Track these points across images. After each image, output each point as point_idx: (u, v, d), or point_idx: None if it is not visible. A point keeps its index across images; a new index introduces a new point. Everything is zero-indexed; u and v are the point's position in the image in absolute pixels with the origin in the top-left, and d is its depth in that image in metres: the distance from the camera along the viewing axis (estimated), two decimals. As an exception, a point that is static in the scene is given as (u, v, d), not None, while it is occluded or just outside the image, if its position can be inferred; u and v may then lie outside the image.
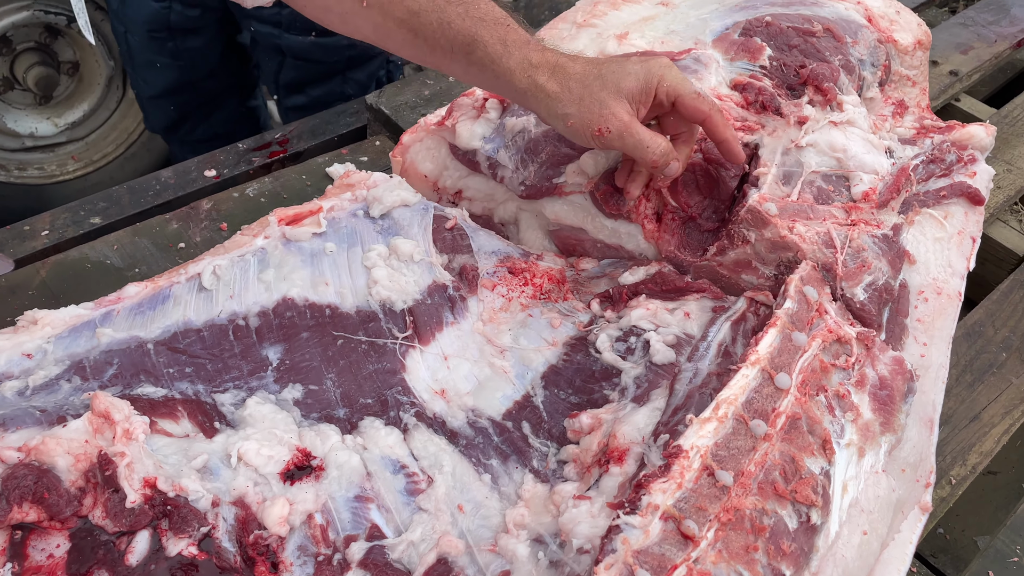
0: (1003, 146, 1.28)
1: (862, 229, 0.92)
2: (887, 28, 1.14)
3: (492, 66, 0.86)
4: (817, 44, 1.08)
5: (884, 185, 0.95)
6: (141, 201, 1.14)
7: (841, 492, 0.71)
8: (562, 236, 1.02)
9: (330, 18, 0.91)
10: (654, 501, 0.63)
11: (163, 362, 0.82)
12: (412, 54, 0.91)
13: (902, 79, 1.14)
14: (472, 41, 0.86)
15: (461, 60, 0.87)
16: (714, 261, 0.93)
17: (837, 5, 1.16)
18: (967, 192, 0.97)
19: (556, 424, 0.83)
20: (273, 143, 1.26)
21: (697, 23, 1.14)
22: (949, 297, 0.91)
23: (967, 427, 0.94)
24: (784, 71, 1.06)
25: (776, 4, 1.15)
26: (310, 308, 0.89)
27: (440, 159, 1.08)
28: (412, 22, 0.86)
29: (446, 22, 0.86)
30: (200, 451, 0.74)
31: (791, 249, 0.88)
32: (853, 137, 0.98)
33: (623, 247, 0.99)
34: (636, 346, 0.87)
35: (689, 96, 0.86)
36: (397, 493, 0.76)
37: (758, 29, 1.10)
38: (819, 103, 1.02)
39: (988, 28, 1.52)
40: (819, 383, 0.75)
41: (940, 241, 0.94)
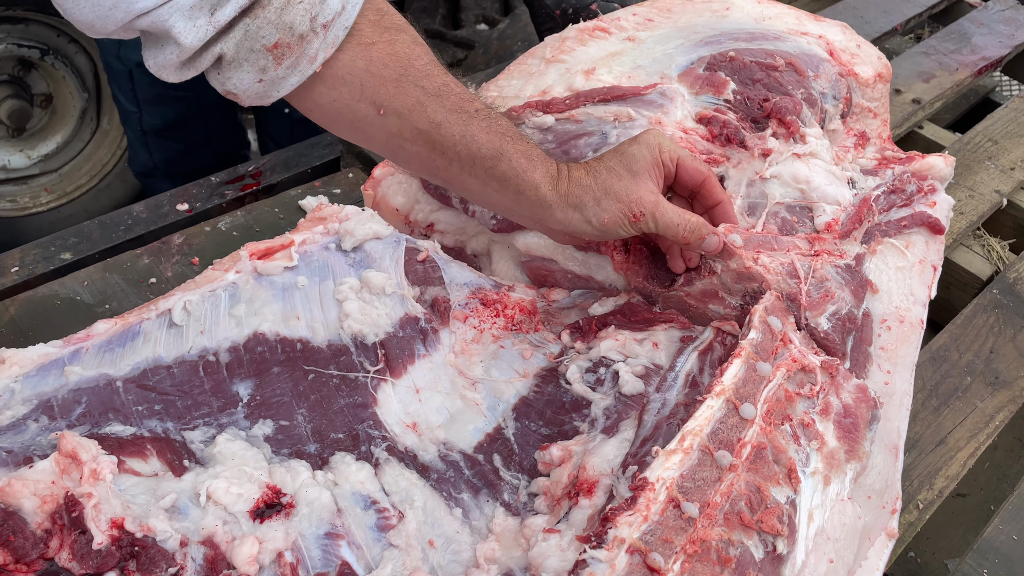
0: (965, 172, 1.31)
1: (825, 259, 0.94)
2: (848, 61, 1.17)
3: (516, 180, 0.86)
4: (780, 78, 1.10)
5: (846, 216, 0.98)
6: (112, 236, 1.14)
7: (807, 521, 0.72)
8: (533, 267, 1.03)
9: (339, 124, 0.87)
10: (620, 534, 0.63)
11: (132, 400, 0.82)
12: (421, 167, 0.90)
13: (864, 111, 1.17)
14: (498, 155, 0.85)
15: (481, 173, 0.86)
16: (682, 291, 0.94)
17: (799, 39, 1.18)
18: (928, 222, 0.99)
19: (527, 456, 0.83)
20: (246, 176, 1.26)
21: (663, 58, 1.16)
22: (912, 325, 0.93)
23: (933, 451, 0.95)
24: (748, 104, 1.08)
25: (740, 39, 1.17)
26: (281, 343, 0.89)
27: (411, 193, 1.09)
28: (432, 134, 0.84)
29: (470, 135, 0.84)
30: (168, 490, 0.74)
31: (756, 280, 0.89)
32: (816, 169, 1.00)
33: (593, 277, 1.00)
34: (606, 377, 0.87)
35: (687, 159, 0.90)
36: (368, 529, 0.76)
37: (722, 64, 1.13)
38: (782, 135, 1.04)
39: (949, 56, 1.55)
40: (784, 412, 0.76)
41: (902, 270, 0.96)
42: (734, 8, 1.26)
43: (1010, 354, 1.06)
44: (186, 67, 0.79)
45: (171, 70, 0.79)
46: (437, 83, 0.84)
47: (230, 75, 0.79)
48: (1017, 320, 1.10)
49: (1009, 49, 1.59)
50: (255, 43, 0.77)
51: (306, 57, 0.79)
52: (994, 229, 1.29)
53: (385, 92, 0.83)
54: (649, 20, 1.25)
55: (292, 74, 0.79)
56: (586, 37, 1.21)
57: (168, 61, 0.78)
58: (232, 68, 0.79)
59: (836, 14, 1.63)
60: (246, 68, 0.79)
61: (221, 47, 0.77)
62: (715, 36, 1.19)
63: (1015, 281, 1.15)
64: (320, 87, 0.82)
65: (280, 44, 0.77)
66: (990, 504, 1.06)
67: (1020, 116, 1.42)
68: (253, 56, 0.78)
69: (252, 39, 0.77)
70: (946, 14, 1.78)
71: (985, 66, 1.54)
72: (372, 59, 0.82)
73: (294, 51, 0.78)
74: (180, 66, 0.79)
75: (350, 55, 0.81)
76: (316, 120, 0.88)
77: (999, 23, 1.66)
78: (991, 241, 1.24)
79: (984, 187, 1.29)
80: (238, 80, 0.80)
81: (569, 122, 1.07)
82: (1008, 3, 1.72)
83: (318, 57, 0.79)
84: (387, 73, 0.82)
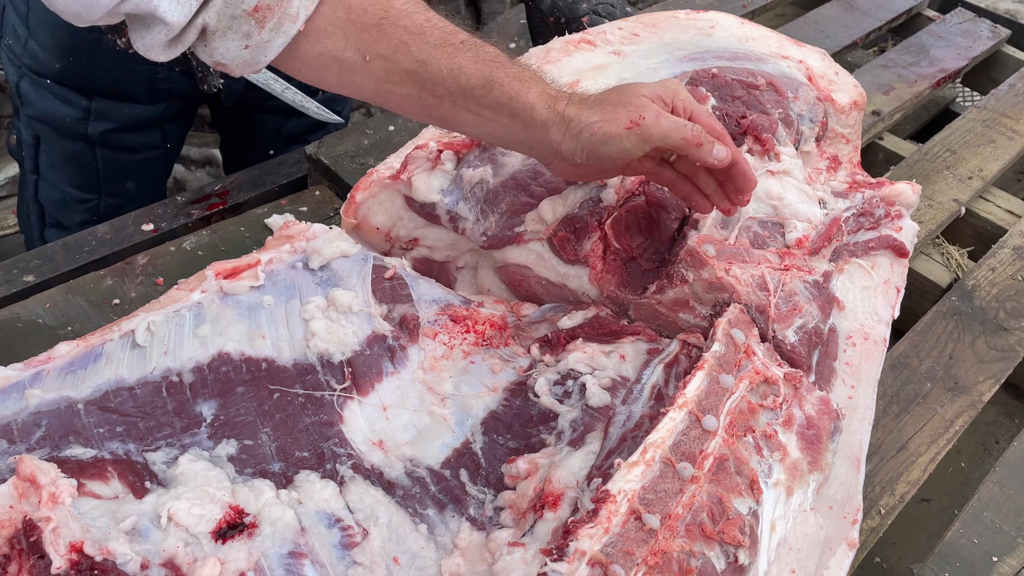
0: (924, 182, 1.33)
1: (795, 274, 0.95)
2: (826, 87, 1.20)
3: (510, 103, 0.84)
4: (760, 97, 1.12)
5: (817, 233, 1.00)
6: (76, 257, 1.13)
7: (769, 531, 0.72)
8: (509, 272, 1.04)
9: (328, 78, 0.86)
10: (581, 547, 0.64)
11: (93, 422, 0.81)
12: (414, 109, 0.89)
13: (837, 136, 1.20)
14: (488, 82, 0.83)
15: (473, 105, 0.85)
16: (653, 299, 0.95)
17: (780, 62, 1.21)
18: (893, 245, 1.02)
19: (494, 470, 0.83)
20: (212, 195, 1.26)
21: (647, 71, 1.18)
22: (875, 343, 0.95)
23: (895, 457, 0.96)
24: (726, 121, 1.10)
25: (723, 58, 1.20)
26: (246, 362, 0.88)
27: (394, 211, 1.09)
28: (420, 72, 0.83)
29: (457, 67, 0.83)
30: (129, 512, 0.73)
31: (727, 290, 0.90)
32: (789, 186, 1.02)
33: (566, 285, 1.00)
34: (573, 389, 0.88)
35: (703, 114, 0.87)
36: (332, 547, 0.75)
37: (704, 80, 1.15)
38: (758, 152, 1.06)
39: (908, 69, 1.58)
40: (747, 424, 0.77)
41: (867, 289, 0.98)
42: (718, 27, 1.28)
43: (969, 360, 1.08)
44: (173, 45, 0.79)
45: (159, 50, 0.79)
46: (419, 20, 0.84)
47: (216, 45, 0.80)
48: (975, 326, 1.12)
49: (967, 61, 1.63)
50: (236, 9, 0.77)
51: (288, 16, 0.79)
52: (953, 237, 1.31)
53: (368, 37, 0.82)
54: (635, 35, 1.27)
55: (277, 36, 0.80)
56: (572, 48, 1.22)
57: (156, 41, 0.78)
58: (217, 38, 0.79)
59: (797, 29, 1.66)
60: (231, 36, 0.79)
61: (204, 18, 0.77)
62: (699, 53, 1.21)
63: (973, 288, 1.17)
64: (305, 43, 0.82)
65: (260, 7, 0.77)
66: (954, 509, 1.07)
67: (977, 126, 1.45)
68: (236, 23, 0.78)
69: (233, 5, 0.77)
70: (906, 27, 1.81)
71: (943, 78, 1.57)
72: (351, 7, 0.82)
73: (275, 12, 0.78)
74: (167, 45, 0.79)
75: (329, 7, 0.81)
76: (305, 78, 0.88)
77: (957, 36, 1.70)
78: (950, 249, 1.27)
79: (943, 196, 1.31)
80: (224, 50, 0.80)
81: None
82: (965, 16, 1.76)
83: (300, 15, 0.79)
84: (367, 19, 0.82)
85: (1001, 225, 1.30)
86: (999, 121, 1.46)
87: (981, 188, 1.34)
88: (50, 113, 1.40)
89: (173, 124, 1.49)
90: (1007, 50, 1.73)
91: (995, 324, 1.12)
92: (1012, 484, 0.96)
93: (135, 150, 1.46)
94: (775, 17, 1.87)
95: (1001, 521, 0.93)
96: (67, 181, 1.48)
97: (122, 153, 1.46)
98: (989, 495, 0.95)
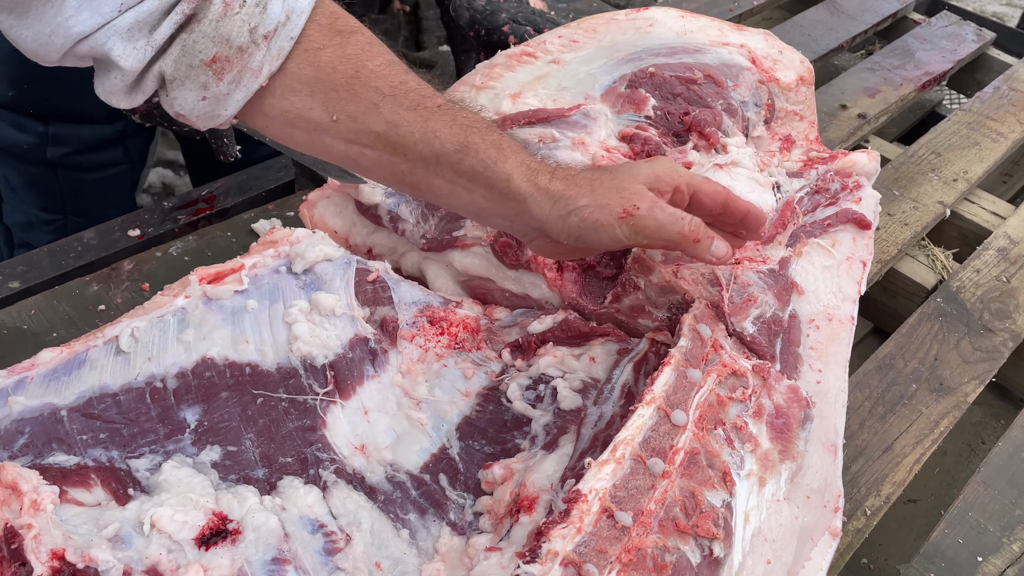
0: (909, 184, 1.34)
1: (746, 266, 0.94)
2: (770, 68, 1.19)
3: (486, 172, 0.78)
4: (699, 91, 1.12)
5: (769, 221, 0.98)
6: (62, 263, 1.13)
7: (743, 523, 0.72)
8: (472, 286, 1.04)
9: (295, 136, 0.83)
10: (554, 548, 0.64)
11: (76, 429, 0.81)
12: (385, 174, 0.84)
13: (789, 115, 1.18)
14: (462, 148, 0.78)
15: (447, 172, 0.79)
16: (612, 308, 0.95)
17: (721, 50, 1.20)
18: (853, 218, 1.00)
19: (472, 475, 0.83)
20: (199, 200, 1.26)
21: (587, 78, 1.17)
22: (841, 322, 0.94)
23: (880, 458, 0.97)
24: (669, 119, 1.10)
25: (661, 55, 1.18)
26: (230, 367, 0.88)
27: (348, 216, 1.09)
28: (390, 135, 0.78)
29: (431, 131, 0.78)
30: (112, 519, 0.73)
31: (679, 292, 0.91)
32: (738, 177, 1.01)
33: (529, 296, 1.01)
34: (545, 393, 0.88)
35: (705, 183, 0.83)
36: (315, 553, 0.75)
37: (643, 80, 1.14)
38: (703, 147, 1.06)
39: (894, 72, 1.59)
40: (716, 417, 0.77)
41: (829, 269, 0.97)
42: (656, 24, 1.27)
43: (954, 361, 1.08)
44: (133, 92, 0.78)
45: (119, 96, 0.78)
46: (394, 82, 0.80)
47: (175, 95, 0.78)
48: (960, 328, 1.12)
49: (952, 64, 1.64)
50: (193, 59, 0.75)
51: (249, 71, 0.76)
52: (938, 239, 1.32)
53: (336, 97, 0.79)
54: (574, 41, 1.25)
55: (236, 89, 0.77)
56: (514, 63, 1.22)
57: (114, 87, 0.76)
58: (175, 87, 0.77)
59: (783, 32, 1.67)
60: (188, 86, 0.76)
61: (160, 66, 0.75)
62: (637, 53, 1.20)
63: (958, 290, 1.18)
64: (269, 99, 0.80)
65: (218, 58, 0.75)
66: (940, 510, 1.07)
67: (962, 129, 1.46)
68: (193, 72, 0.76)
69: (190, 55, 0.75)
70: (891, 31, 1.82)
71: (928, 81, 1.58)
72: (321, 64, 0.79)
73: (234, 64, 0.76)
74: (127, 91, 0.77)
75: (296, 63, 0.79)
76: (273, 135, 0.85)
77: (942, 39, 1.70)
78: (935, 251, 1.27)
79: (928, 198, 1.32)
80: (183, 100, 0.78)
81: None
82: (950, 19, 1.77)
83: (263, 70, 0.77)
84: (336, 78, 0.79)
85: (986, 227, 1.31)
86: (984, 123, 1.47)
87: (966, 190, 1.35)
88: (6, 140, 1.39)
89: (134, 140, 1.47)
90: (992, 53, 1.74)
91: (980, 325, 1.13)
92: (997, 484, 0.96)
93: (98, 168, 1.45)
94: (762, 21, 1.88)
95: (986, 521, 0.93)
96: (31, 204, 1.47)
97: (84, 173, 1.44)
98: (974, 495, 0.95)
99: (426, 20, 2.69)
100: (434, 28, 2.72)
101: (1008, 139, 1.44)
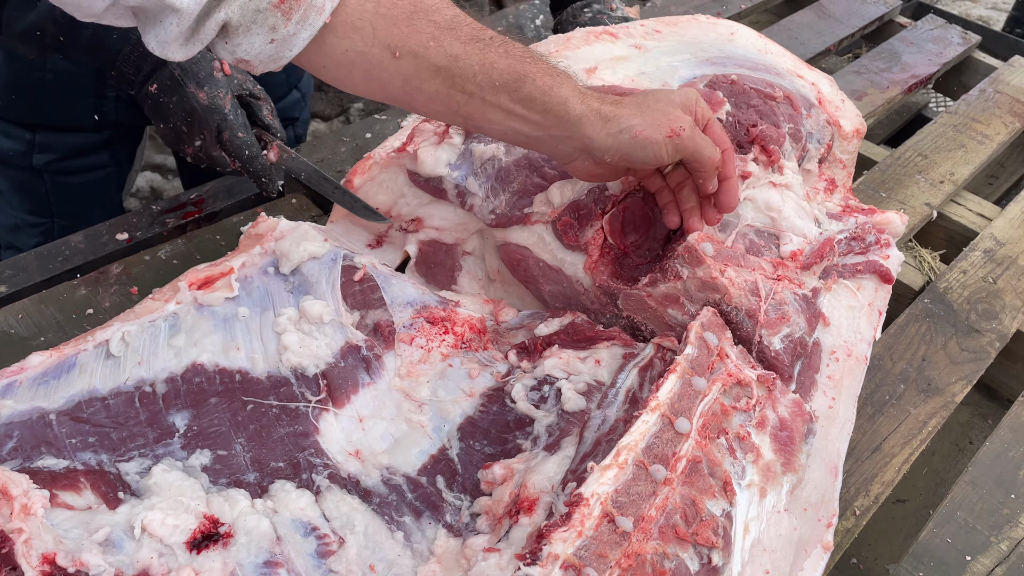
0: (896, 186, 1.35)
1: (786, 285, 0.96)
2: (834, 112, 1.22)
3: (543, 97, 0.84)
4: (775, 108, 1.13)
5: (810, 249, 1.02)
6: (49, 267, 1.12)
7: (743, 533, 0.73)
8: (509, 251, 1.04)
9: (354, 76, 0.83)
10: (554, 551, 0.64)
11: (65, 432, 0.81)
12: (440, 108, 0.86)
13: (836, 161, 1.22)
14: (520, 77, 0.83)
15: (504, 100, 0.84)
16: (644, 291, 0.95)
17: (796, 80, 1.23)
18: (879, 270, 1.03)
19: (470, 476, 0.83)
20: (188, 204, 1.25)
21: (668, 68, 1.19)
22: (857, 360, 0.96)
23: (869, 458, 0.97)
24: (737, 128, 1.11)
25: (744, 66, 1.21)
26: (220, 373, 0.88)
27: (396, 187, 1.08)
28: (451, 68, 0.82)
29: (489, 63, 0.82)
30: (102, 523, 0.73)
31: (719, 291, 0.91)
32: (788, 200, 1.04)
33: (562, 271, 1.01)
34: (549, 395, 0.88)
35: (717, 124, 0.91)
36: (308, 556, 0.75)
37: (723, 84, 1.16)
38: (763, 163, 1.08)
39: (880, 75, 1.60)
40: (720, 426, 0.77)
41: (852, 309, 1.00)
42: (738, 35, 1.29)
43: (941, 361, 1.09)
44: (191, 40, 0.76)
45: (176, 46, 0.76)
46: (448, 15, 0.82)
47: (239, 41, 0.76)
48: (948, 328, 1.13)
49: (938, 67, 1.65)
50: (260, 2, 0.74)
51: (314, 8, 0.76)
52: (925, 240, 1.33)
53: (398, 32, 0.80)
54: (657, 31, 1.28)
55: (303, 29, 0.77)
56: (592, 39, 1.23)
57: (170, 35, 0.74)
58: (240, 34, 0.76)
59: (771, 36, 1.68)
60: (255, 31, 0.76)
61: (225, 12, 0.74)
62: (721, 58, 1.22)
63: (945, 290, 1.19)
64: (331, 38, 0.79)
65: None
66: (929, 509, 1.08)
67: (948, 131, 1.47)
68: (261, 16, 0.75)
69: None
70: (878, 34, 1.84)
71: (914, 83, 1.59)
72: (380, 0, 0.80)
73: (301, 3, 0.75)
74: (184, 39, 0.75)
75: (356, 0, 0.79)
76: (329, 77, 0.85)
77: (928, 42, 1.72)
78: (922, 252, 1.28)
79: (915, 200, 1.33)
80: (248, 46, 0.77)
81: None
82: (936, 23, 1.78)
83: (326, 6, 0.77)
84: (397, 12, 0.80)
85: (972, 228, 1.32)
86: (970, 126, 1.49)
87: (952, 192, 1.36)
88: None
89: (120, 144, 1.46)
90: (978, 56, 1.76)
91: (967, 326, 1.14)
92: (984, 484, 0.97)
93: (84, 171, 1.44)
94: (751, 24, 1.89)
95: (974, 521, 0.94)
96: (17, 207, 1.46)
97: (70, 177, 1.43)
98: (962, 495, 0.96)
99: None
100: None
101: (994, 141, 1.46)
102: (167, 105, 1.08)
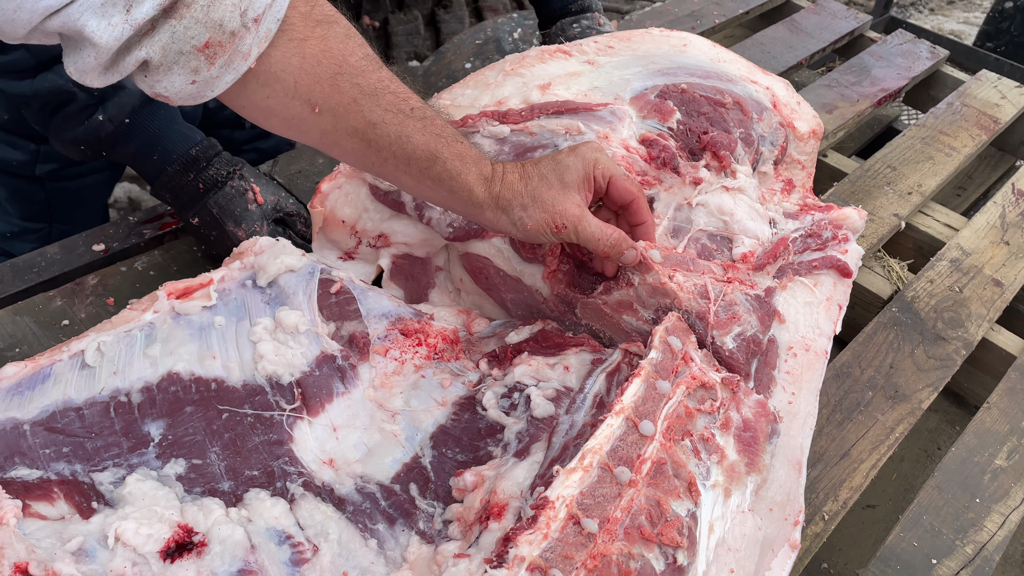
0: (866, 197, 1.37)
1: (736, 286, 0.98)
2: (789, 115, 1.24)
3: (451, 181, 0.87)
4: (725, 114, 1.16)
5: (763, 250, 1.04)
6: (25, 278, 1.12)
7: (708, 532, 0.74)
8: (470, 260, 1.06)
9: (272, 122, 0.86)
10: (521, 553, 0.65)
11: (39, 443, 0.81)
12: (358, 161, 0.90)
13: (793, 162, 1.24)
14: (432, 156, 0.86)
15: (416, 172, 0.88)
16: (599, 299, 0.97)
17: (749, 86, 1.25)
18: (837, 265, 1.05)
19: (443, 484, 0.84)
20: (166, 215, 1.26)
21: (619, 81, 1.22)
22: (816, 354, 0.98)
23: (838, 464, 0.99)
24: (689, 135, 1.14)
25: (695, 75, 1.23)
26: (195, 382, 0.88)
27: (359, 202, 1.09)
28: (368, 133, 0.84)
29: (405, 135, 0.85)
30: (75, 533, 0.73)
31: (669, 296, 0.93)
32: (741, 203, 1.06)
33: (521, 280, 1.03)
34: (519, 402, 0.89)
35: (620, 178, 0.93)
36: (282, 564, 0.76)
37: (673, 94, 1.19)
38: (715, 168, 1.10)
39: (851, 88, 1.63)
40: (684, 428, 0.79)
41: (810, 305, 1.02)
42: (691, 46, 1.32)
43: (909, 369, 1.11)
44: (109, 71, 0.76)
45: (94, 75, 0.76)
46: (372, 80, 0.84)
47: (159, 79, 0.77)
48: (915, 336, 1.15)
49: (907, 80, 1.69)
50: (184, 45, 0.74)
51: (239, 54, 0.77)
52: (893, 250, 1.35)
53: (320, 91, 0.82)
54: (610, 47, 1.30)
55: (227, 72, 0.78)
56: (547, 57, 1.26)
57: (88, 65, 0.75)
58: (161, 72, 0.76)
59: (744, 50, 1.71)
60: (176, 71, 0.76)
61: (146, 52, 0.74)
62: (672, 68, 1.25)
63: (913, 299, 1.21)
64: (253, 84, 0.81)
65: (211, 43, 0.75)
66: (897, 514, 1.10)
67: (916, 143, 1.50)
68: (183, 58, 0.75)
69: (180, 41, 0.74)
70: (849, 48, 1.87)
71: (884, 97, 1.63)
72: (305, 56, 0.81)
73: (226, 49, 0.76)
74: (102, 70, 0.76)
75: (282, 51, 0.80)
76: (249, 117, 0.86)
77: (897, 56, 1.75)
78: (891, 262, 1.31)
79: (884, 211, 1.35)
80: (168, 83, 0.77)
81: (524, 134, 1.11)
82: (906, 37, 1.82)
83: (251, 53, 0.78)
84: (321, 71, 0.81)
85: (939, 238, 1.35)
86: (937, 138, 1.52)
87: (920, 203, 1.39)
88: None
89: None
90: (946, 70, 1.79)
91: (933, 334, 1.16)
92: (950, 489, 0.99)
93: (82, 176, 1.46)
94: (724, 39, 1.92)
95: (940, 525, 0.95)
96: (16, 214, 1.48)
97: (68, 182, 1.45)
98: (928, 500, 0.98)
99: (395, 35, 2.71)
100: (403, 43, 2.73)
101: (961, 153, 1.49)
102: (208, 237, 1.14)
